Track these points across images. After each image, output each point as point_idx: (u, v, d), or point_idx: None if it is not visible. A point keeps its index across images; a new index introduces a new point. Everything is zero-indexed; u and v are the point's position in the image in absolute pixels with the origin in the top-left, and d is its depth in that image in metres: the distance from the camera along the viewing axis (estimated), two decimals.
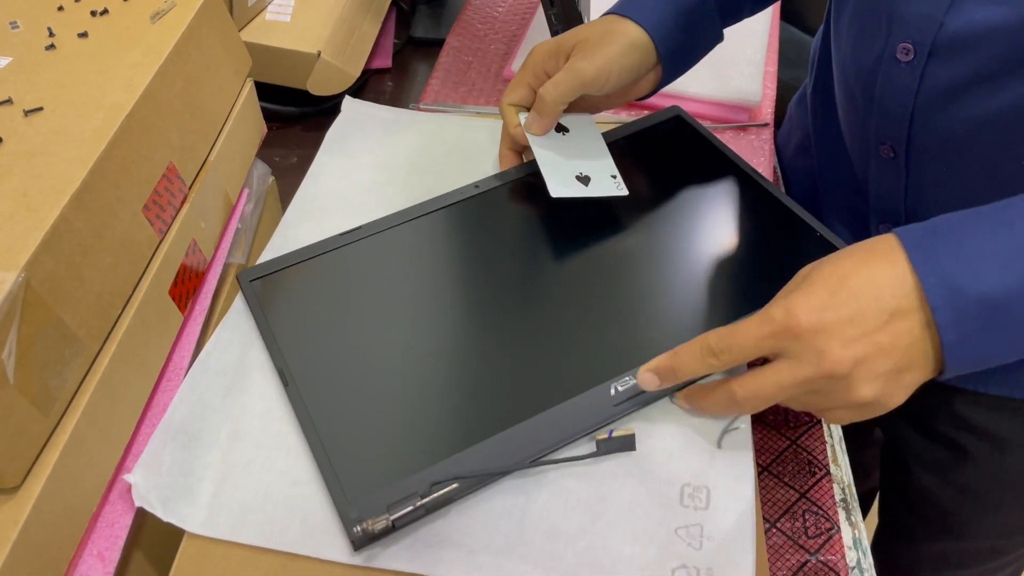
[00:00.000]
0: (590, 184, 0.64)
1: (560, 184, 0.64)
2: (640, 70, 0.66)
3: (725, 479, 0.52)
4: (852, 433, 0.62)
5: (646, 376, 0.53)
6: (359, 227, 0.65)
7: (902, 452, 0.83)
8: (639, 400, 0.54)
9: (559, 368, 0.56)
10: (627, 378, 0.55)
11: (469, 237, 0.65)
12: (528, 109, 0.67)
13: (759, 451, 0.58)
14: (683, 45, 0.67)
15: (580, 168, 0.65)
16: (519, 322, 0.59)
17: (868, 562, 0.55)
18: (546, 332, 0.58)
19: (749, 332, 0.47)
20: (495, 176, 0.70)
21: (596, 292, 0.60)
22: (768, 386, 0.47)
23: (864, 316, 0.44)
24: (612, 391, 0.54)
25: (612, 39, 0.63)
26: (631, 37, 0.64)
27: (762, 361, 0.48)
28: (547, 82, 0.63)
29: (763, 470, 0.58)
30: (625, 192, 0.65)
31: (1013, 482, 0.76)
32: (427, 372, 0.56)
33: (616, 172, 0.66)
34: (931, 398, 0.70)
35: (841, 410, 0.47)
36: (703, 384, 0.52)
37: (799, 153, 0.83)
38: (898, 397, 0.46)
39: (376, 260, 0.63)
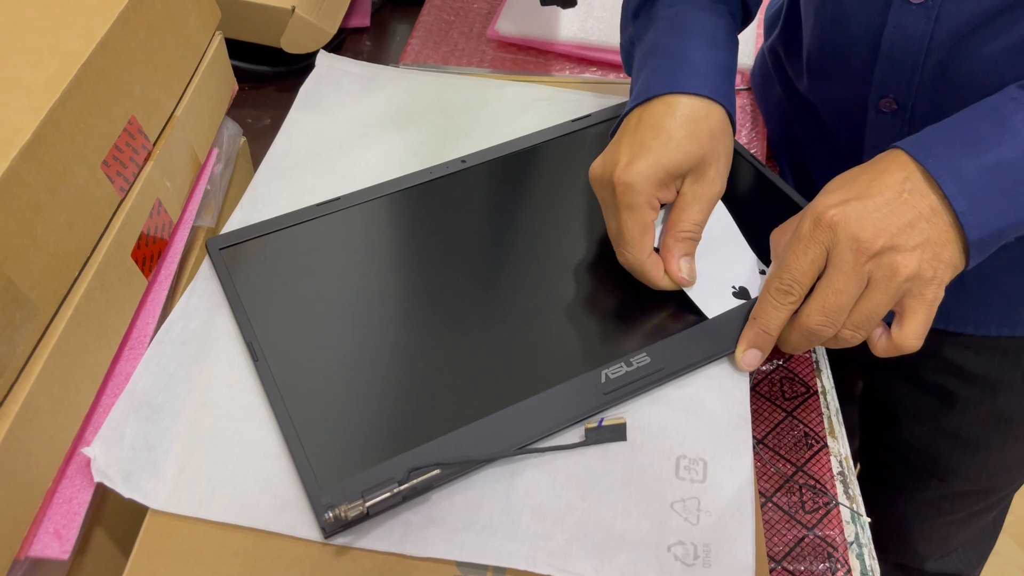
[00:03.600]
0: (751, 295, 0.57)
1: (717, 304, 0.56)
2: None
3: (722, 452, 0.50)
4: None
5: (749, 355, 0.53)
6: (337, 198, 0.62)
7: (889, 404, 0.82)
8: (630, 388, 0.51)
9: (548, 352, 0.53)
10: (618, 365, 0.52)
11: (454, 213, 0.62)
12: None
13: (755, 423, 0.56)
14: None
15: (731, 279, 0.57)
16: (506, 302, 0.56)
17: (867, 536, 0.53)
18: (535, 313, 0.55)
19: (797, 255, 0.49)
20: (483, 151, 0.66)
21: (589, 273, 0.58)
22: (830, 297, 0.48)
23: (883, 196, 0.48)
24: (603, 378, 0.52)
25: (717, 141, 0.56)
26: (724, 124, 0.57)
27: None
28: (687, 224, 0.55)
29: (759, 443, 0.56)
30: None
31: (1002, 422, 0.76)
32: (407, 352, 0.53)
33: (764, 266, 0.58)
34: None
35: (897, 298, 0.48)
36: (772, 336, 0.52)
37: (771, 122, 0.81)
38: (942, 273, 0.48)
39: (354, 233, 0.60)
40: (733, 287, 0.57)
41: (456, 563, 0.45)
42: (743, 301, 0.56)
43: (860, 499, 0.54)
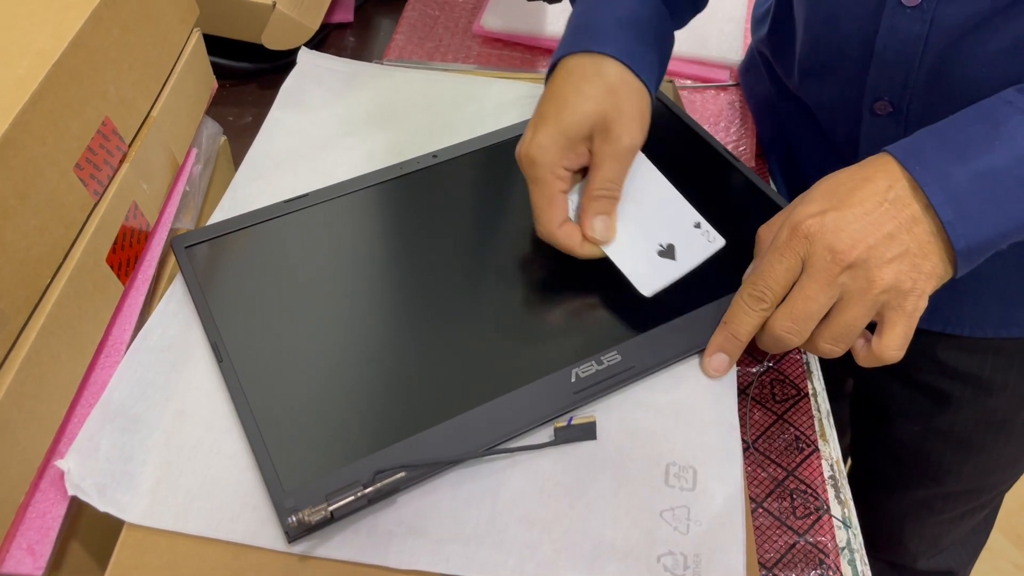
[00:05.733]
0: (677, 254, 0.56)
1: (649, 277, 0.55)
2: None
3: (712, 459, 0.49)
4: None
5: (716, 360, 0.52)
6: (306, 194, 0.61)
7: (881, 403, 0.82)
8: (601, 387, 0.51)
9: (517, 351, 0.52)
10: (589, 363, 0.51)
11: (424, 209, 0.61)
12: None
13: (745, 426, 0.55)
14: (656, 65, 0.59)
15: (658, 237, 0.56)
16: (475, 301, 0.55)
17: (858, 542, 0.52)
18: (504, 311, 0.54)
19: (772, 263, 0.48)
20: (454, 146, 0.65)
21: (559, 271, 0.56)
22: (801, 304, 0.48)
23: (863, 205, 0.47)
24: (573, 377, 0.51)
25: (617, 96, 0.54)
26: (623, 78, 0.55)
27: None
28: (600, 183, 0.54)
29: (749, 446, 0.55)
30: (721, 242, 0.57)
31: (996, 423, 0.76)
32: (374, 352, 0.52)
33: (699, 218, 0.57)
34: (913, 347, 0.72)
35: (874, 311, 0.47)
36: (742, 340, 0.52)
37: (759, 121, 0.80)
38: (923, 284, 0.47)
39: (323, 231, 0.59)
40: (660, 245, 0.56)
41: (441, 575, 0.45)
42: (670, 261, 0.56)
43: (852, 504, 0.53)
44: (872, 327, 0.49)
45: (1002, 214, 0.46)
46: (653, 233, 0.57)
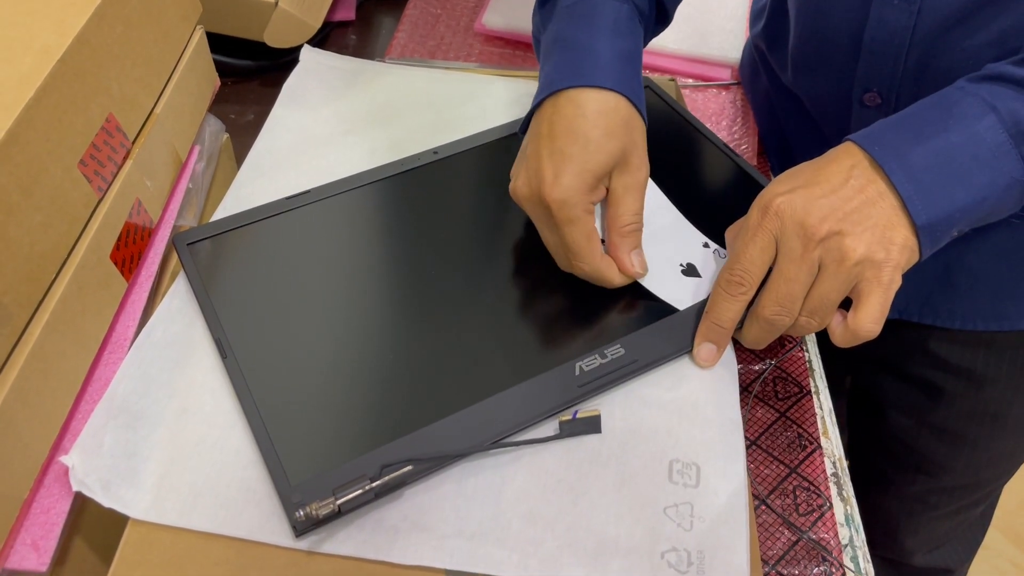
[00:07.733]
0: (700, 272, 0.57)
1: (685, 298, 0.56)
2: None
3: (715, 456, 0.49)
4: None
5: (704, 350, 0.53)
6: (307, 191, 0.61)
7: (876, 398, 0.82)
8: (605, 380, 0.51)
9: (521, 345, 0.53)
10: (593, 357, 0.52)
11: (425, 205, 0.61)
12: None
13: (748, 424, 0.55)
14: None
15: (678, 259, 0.58)
16: (478, 296, 0.55)
17: (860, 539, 0.52)
18: (508, 306, 0.55)
19: (746, 245, 0.49)
20: (455, 142, 0.65)
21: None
22: (782, 286, 0.48)
23: (829, 183, 0.48)
24: (577, 371, 0.51)
25: (632, 129, 0.55)
26: (633, 113, 0.56)
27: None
28: (628, 217, 0.55)
29: (751, 444, 0.55)
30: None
31: (988, 416, 0.76)
32: (378, 347, 0.52)
33: (705, 239, 0.59)
34: (905, 340, 0.74)
35: (850, 284, 0.48)
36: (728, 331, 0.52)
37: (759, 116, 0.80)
38: (896, 255, 0.47)
39: (325, 227, 0.59)
40: (681, 265, 0.57)
41: (445, 571, 0.45)
42: (696, 279, 0.57)
43: (854, 501, 0.54)
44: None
45: (959, 189, 0.47)
46: (672, 255, 0.58)
